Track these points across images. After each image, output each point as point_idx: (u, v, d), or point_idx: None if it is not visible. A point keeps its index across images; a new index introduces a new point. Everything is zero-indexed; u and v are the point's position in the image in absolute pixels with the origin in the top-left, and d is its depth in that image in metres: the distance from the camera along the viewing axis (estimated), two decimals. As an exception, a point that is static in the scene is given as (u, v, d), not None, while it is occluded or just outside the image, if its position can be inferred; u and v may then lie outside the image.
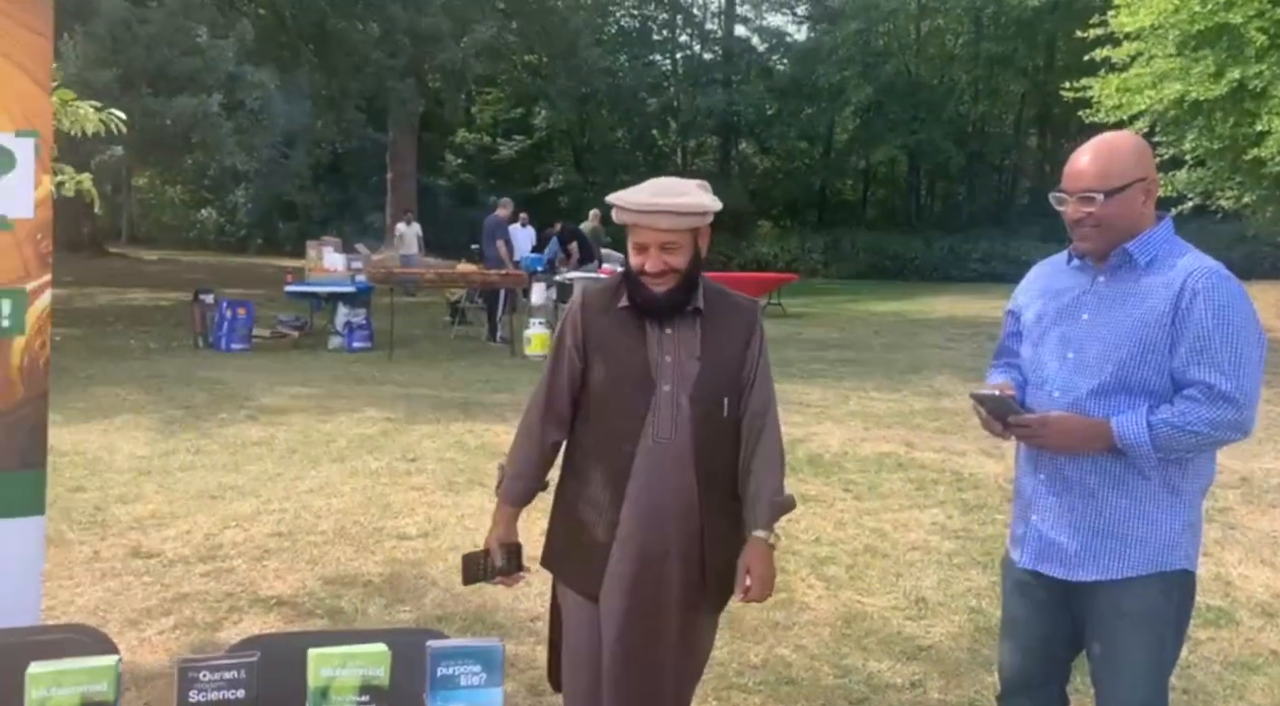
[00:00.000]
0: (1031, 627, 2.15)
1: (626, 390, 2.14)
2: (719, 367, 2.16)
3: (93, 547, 4.33)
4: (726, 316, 2.21)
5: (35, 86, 2.17)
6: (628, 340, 2.17)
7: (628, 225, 2.14)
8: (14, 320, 2.15)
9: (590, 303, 2.25)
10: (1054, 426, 2.00)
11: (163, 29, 11.61)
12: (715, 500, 2.16)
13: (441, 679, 1.27)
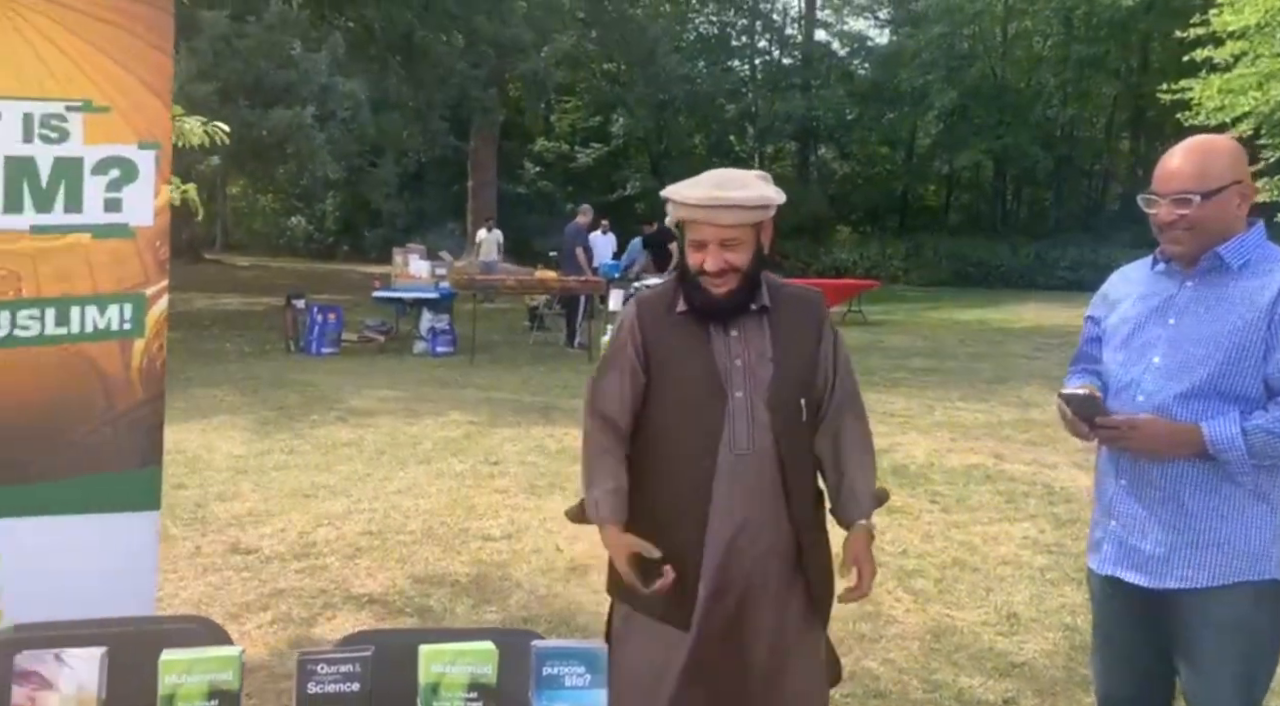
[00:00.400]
0: (1116, 638, 2.10)
1: (698, 401, 1.98)
2: (794, 368, 2.02)
3: (195, 543, 4.51)
4: (793, 311, 2.07)
5: (157, 100, 2.28)
6: (692, 347, 2.01)
7: (684, 222, 2.00)
8: (134, 323, 2.25)
9: (646, 310, 2.08)
10: (1142, 430, 1.95)
11: (260, 43, 12.06)
12: (805, 512, 2.03)
13: (547, 678, 1.29)
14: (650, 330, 2.05)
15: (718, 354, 2.00)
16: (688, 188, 1.99)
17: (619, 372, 2.07)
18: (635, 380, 2.05)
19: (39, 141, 2.17)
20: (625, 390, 2.06)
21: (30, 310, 2.15)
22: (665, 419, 2.02)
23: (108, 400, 2.22)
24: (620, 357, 2.08)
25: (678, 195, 1.98)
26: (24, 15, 2.14)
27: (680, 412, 2.00)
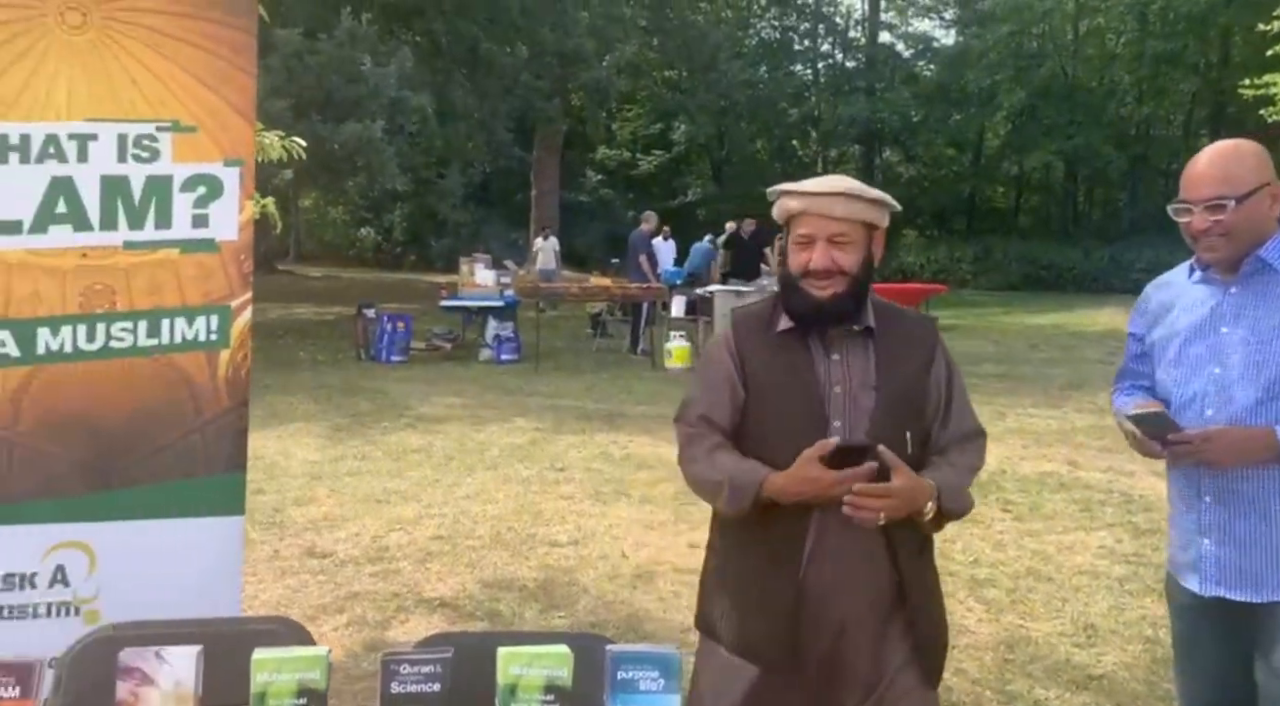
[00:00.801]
0: (1210, 656, 2.04)
1: (796, 429, 1.79)
2: (899, 397, 1.83)
3: (273, 547, 4.64)
4: (901, 336, 1.89)
5: (241, 119, 2.37)
6: (792, 369, 1.85)
7: (791, 218, 1.87)
8: (220, 334, 2.34)
9: (742, 326, 1.95)
10: (1218, 441, 1.90)
11: (331, 59, 12.40)
12: (910, 556, 1.84)
13: (621, 682, 1.31)
14: (747, 347, 1.90)
15: (818, 379, 1.83)
16: (806, 181, 1.89)
17: (714, 387, 1.91)
18: (734, 393, 1.89)
19: (132, 161, 2.27)
20: (724, 400, 1.89)
21: (124, 322, 2.25)
22: (760, 449, 1.85)
23: (196, 408, 2.31)
24: (715, 372, 1.93)
25: (788, 186, 1.88)
26: (120, 42, 2.25)
27: (776, 442, 1.82)
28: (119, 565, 2.22)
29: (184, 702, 1.29)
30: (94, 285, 2.24)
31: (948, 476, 1.83)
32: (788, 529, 1.81)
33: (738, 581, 1.90)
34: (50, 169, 2.21)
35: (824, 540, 1.81)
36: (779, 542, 1.83)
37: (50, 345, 2.20)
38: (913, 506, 1.76)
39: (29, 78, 2.19)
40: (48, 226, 2.20)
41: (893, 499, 1.73)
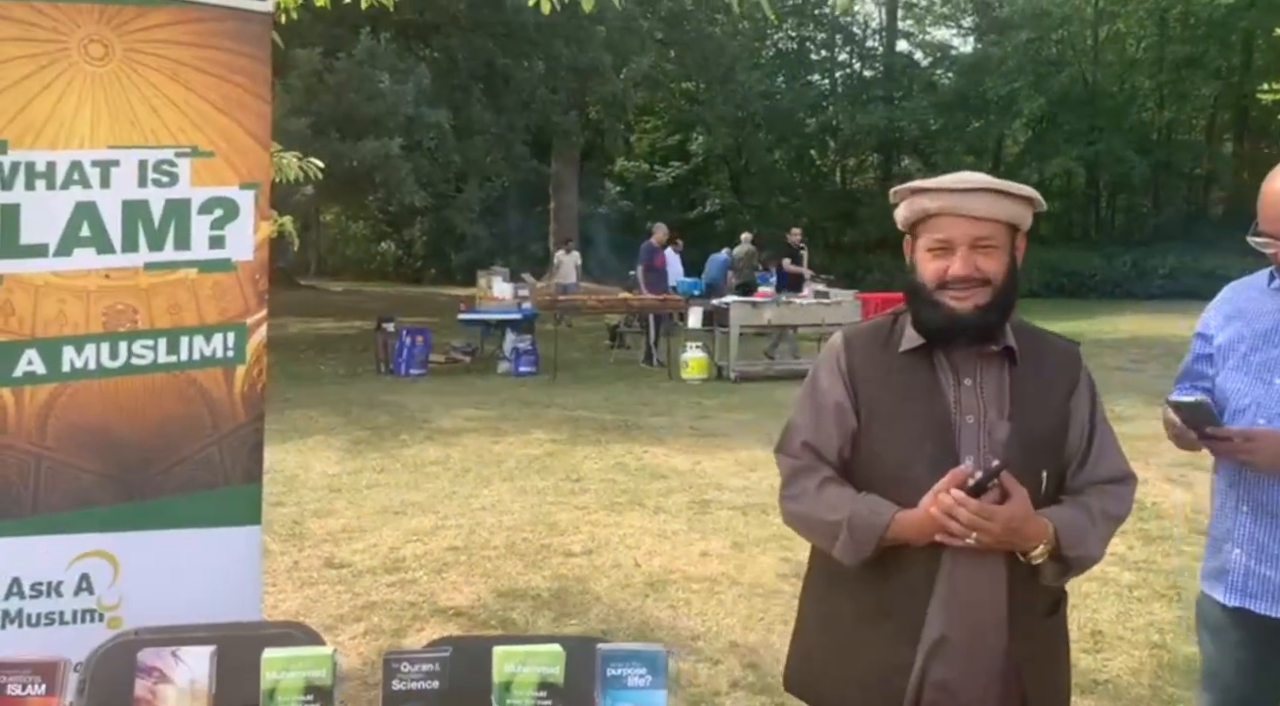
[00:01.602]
0: (1236, 673, 2.01)
1: (918, 464, 1.59)
2: (1036, 430, 1.62)
3: (292, 558, 4.74)
4: (1042, 360, 1.68)
5: (256, 144, 2.46)
6: (916, 394, 1.63)
7: (921, 221, 1.64)
8: (237, 351, 2.43)
9: (856, 343, 1.72)
10: (1260, 441, 1.87)
11: (349, 77, 12.62)
12: (1028, 610, 1.63)
13: (611, 679, 1.38)
14: (862, 369, 1.68)
15: (946, 406, 1.63)
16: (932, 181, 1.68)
17: (822, 412, 1.70)
18: (844, 420, 1.68)
19: (152, 185, 2.37)
20: (832, 428, 1.69)
21: (145, 340, 2.34)
22: (881, 483, 1.63)
23: (214, 422, 2.40)
24: (823, 395, 1.71)
25: (920, 183, 1.67)
26: (140, 72, 2.35)
27: (894, 479, 1.62)
28: (141, 573, 2.31)
29: (199, 699, 1.37)
30: (116, 305, 2.33)
31: (1072, 517, 1.61)
32: (910, 575, 1.61)
33: (834, 634, 1.71)
34: (75, 195, 2.31)
35: (950, 591, 1.60)
36: (899, 590, 1.62)
37: (75, 363, 2.29)
38: (1017, 540, 1.55)
39: (54, 107, 2.30)
40: (72, 249, 2.30)
41: (994, 524, 1.51)
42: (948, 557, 1.59)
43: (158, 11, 2.35)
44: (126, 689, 1.45)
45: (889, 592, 1.64)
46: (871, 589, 1.66)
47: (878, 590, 1.65)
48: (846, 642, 1.69)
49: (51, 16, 2.27)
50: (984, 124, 28.74)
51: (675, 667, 3.44)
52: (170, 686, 1.37)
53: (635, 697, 1.37)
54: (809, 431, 1.71)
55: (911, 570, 1.62)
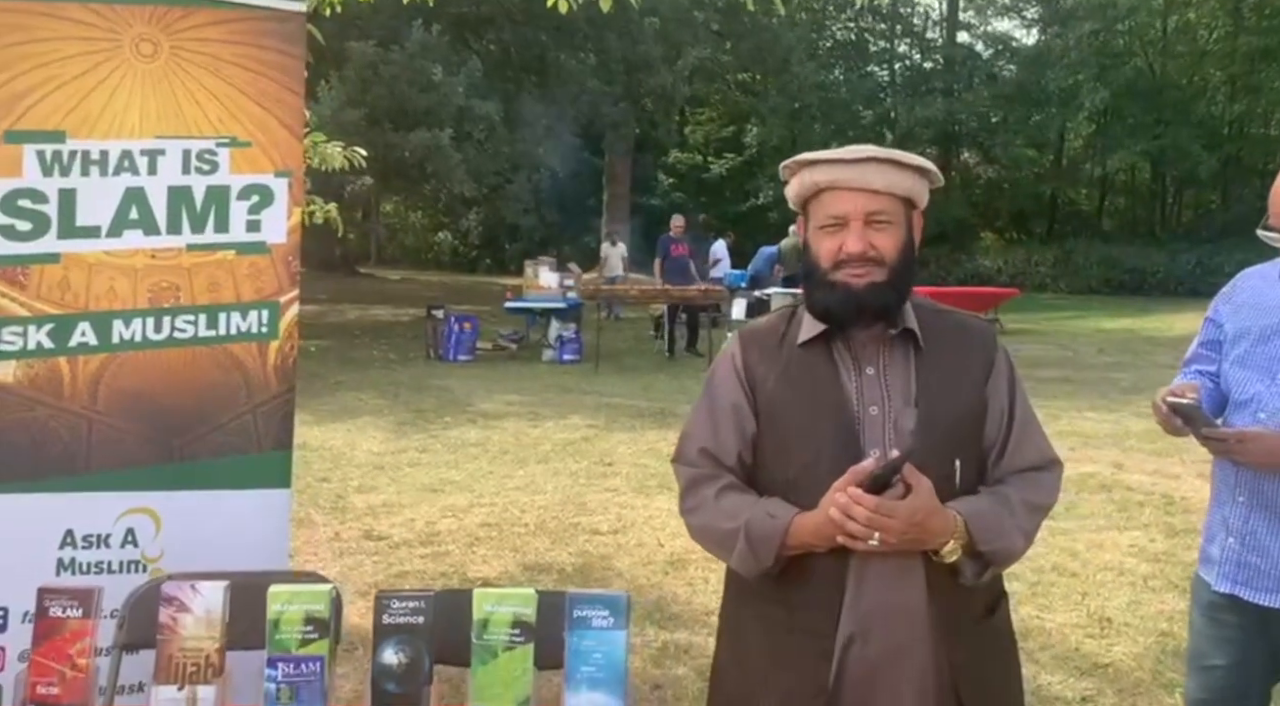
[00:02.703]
0: (1222, 654, 2.06)
1: (823, 461, 1.50)
2: (946, 416, 1.53)
3: (334, 529, 4.98)
4: (951, 342, 1.58)
5: (290, 134, 2.65)
6: (816, 387, 1.55)
7: (814, 197, 1.56)
8: (270, 327, 2.62)
9: (751, 341, 1.64)
10: (1253, 443, 1.90)
11: (403, 69, 12.91)
12: (955, 615, 1.53)
13: (577, 619, 1.52)
14: (757, 367, 1.59)
15: (847, 398, 1.54)
16: (821, 152, 1.58)
17: (719, 415, 1.61)
18: (742, 423, 1.59)
19: (194, 173, 2.56)
20: (730, 432, 1.59)
21: (187, 316, 2.55)
22: (785, 485, 1.55)
23: (248, 392, 2.59)
24: (719, 398, 1.62)
25: (808, 155, 1.56)
26: (185, 68, 2.54)
27: (803, 476, 1.52)
28: (181, 529, 2.51)
29: (213, 627, 1.54)
30: (161, 283, 2.54)
31: (985, 507, 1.50)
32: (821, 578, 1.51)
33: (755, 670, 1.59)
34: (125, 181, 2.51)
35: (858, 594, 1.50)
36: (813, 595, 1.52)
37: (124, 335, 2.50)
38: (925, 538, 1.45)
39: (108, 101, 2.50)
40: (122, 231, 2.51)
41: (895, 520, 1.41)
42: (855, 563, 1.49)
43: (201, 12, 2.54)
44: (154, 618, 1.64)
45: (797, 607, 1.53)
46: (779, 604, 1.55)
47: (785, 605, 1.54)
48: (756, 667, 1.58)
49: (107, 17, 2.47)
50: (1045, 117, 28.17)
51: (687, 640, 3.58)
52: (189, 614, 1.55)
53: (598, 636, 1.51)
54: (706, 437, 1.61)
55: (818, 580, 1.51)
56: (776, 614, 1.57)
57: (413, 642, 1.52)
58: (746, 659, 1.62)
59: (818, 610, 1.52)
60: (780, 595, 1.56)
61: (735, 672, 1.65)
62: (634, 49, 17.36)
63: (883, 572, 1.50)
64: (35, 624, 1.52)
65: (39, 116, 2.44)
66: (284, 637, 1.51)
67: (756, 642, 1.60)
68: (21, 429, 2.41)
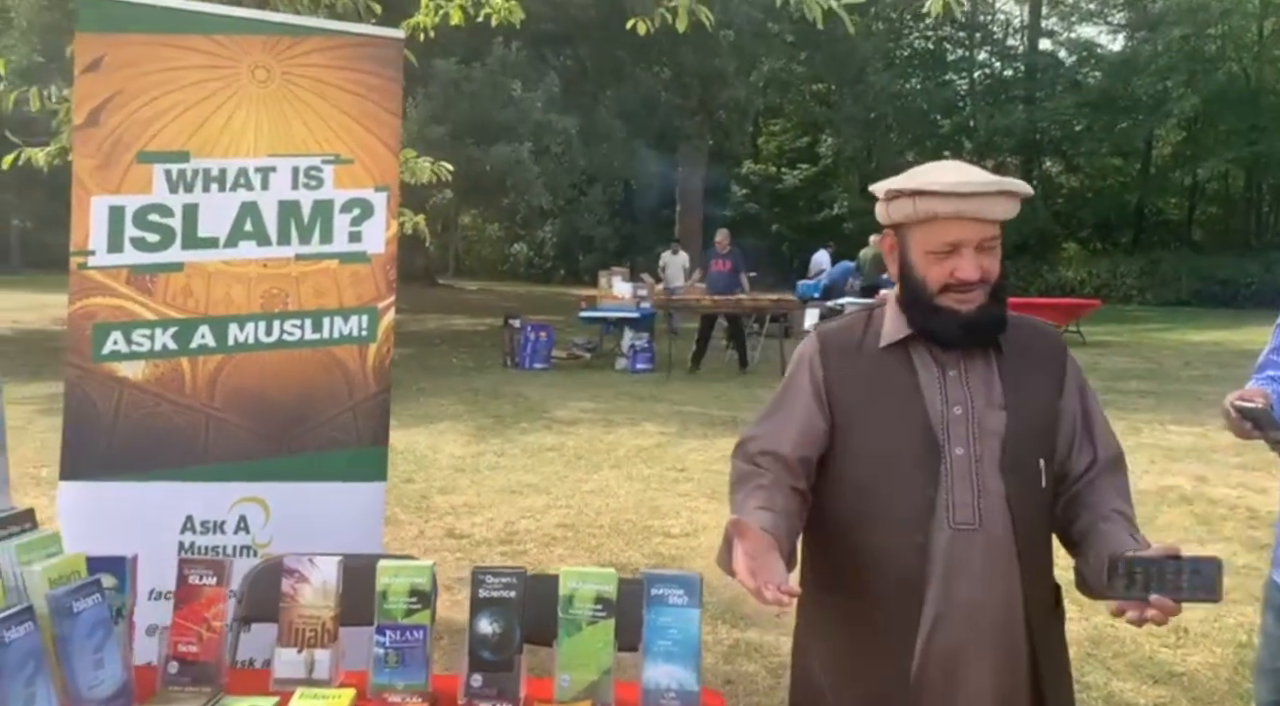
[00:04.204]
0: None
1: (905, 460, 1.54)
2: (1032, 418, 1.57)
3: (418, 528, 5.20)
4: (1027, 347, 1.62)
5: (388, 152, 2.85)
6: (897, 388, 1.58)
7: (921, 223, 1.55)
8: (370, 331, 2.82)
9: (831, 343, 1.66)
10: None
11: (484, 86, 13.30)
12: (1043, 611, 1.58)
13: (655, 597, 1.65)
14: (836, 369, 1.62)
15: (929, 399, 1.56)
16: (936, 171, 1.57)
17: (788, 414, 1.64)
18: (813, 423, 1.61)
19: (302, 188, 2.78)
20: (795, 431, 1.61)
21: (295, 320, 2.76)
22: (862, 483, 1.58)
23: (349, 391, 2.79)
24: (792, 397, 1.65)
25: (924, 182, 1.54)
26: (294, 92, 2.77)
27: (883, 475, 1.56)
28: (287, 517, 2.72)
29: (328, 596, 1.71)
30: (272, 290, 2.76)
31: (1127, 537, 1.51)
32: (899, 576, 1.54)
33: (827, 654, 1.65)
34: (240, 196, 2.74)
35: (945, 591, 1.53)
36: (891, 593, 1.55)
37: (238, 337, 2.73)
38: None
39: (226, 123, 2.74)
40: (238, 242, 2.73)
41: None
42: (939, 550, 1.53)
43: (310, 40, 2.76)
44: (272, 600, 1.82)
45: (877, 599, 1.57)
46: (858, 597, 1.60)
47: (864, 597, 1.59)
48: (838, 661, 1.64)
49: (227, 47, 2.71)
50: (1132, 124, 27.41)
51: (758, 640, 3.67)
52: (307, 585, 1.72)
53: (674, 613, 1.64)
54: (768, 438, 1.64)
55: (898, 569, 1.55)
56: (855, 607, 1.60)
57: (505, 615, 1.67)
58: (827, 651, 1.66)
59: (898, 600, 1.54)
60: (859, 586, 1.59)
61: (816, 665, 1.68)
62: (709, 62, 17.51)
63: (968, 560, 1.52)
64: (176, 590, 1.71)
65: (166, 138, 2.68)
66: (391, 607, 1.67)
67: (837, 634, 1.64)
68: (149, 423, 2.65)
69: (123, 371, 2.64)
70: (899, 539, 1.54)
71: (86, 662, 1.54)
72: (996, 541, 1.52)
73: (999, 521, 1.53)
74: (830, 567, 1.65)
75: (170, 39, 2.67)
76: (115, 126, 2.64)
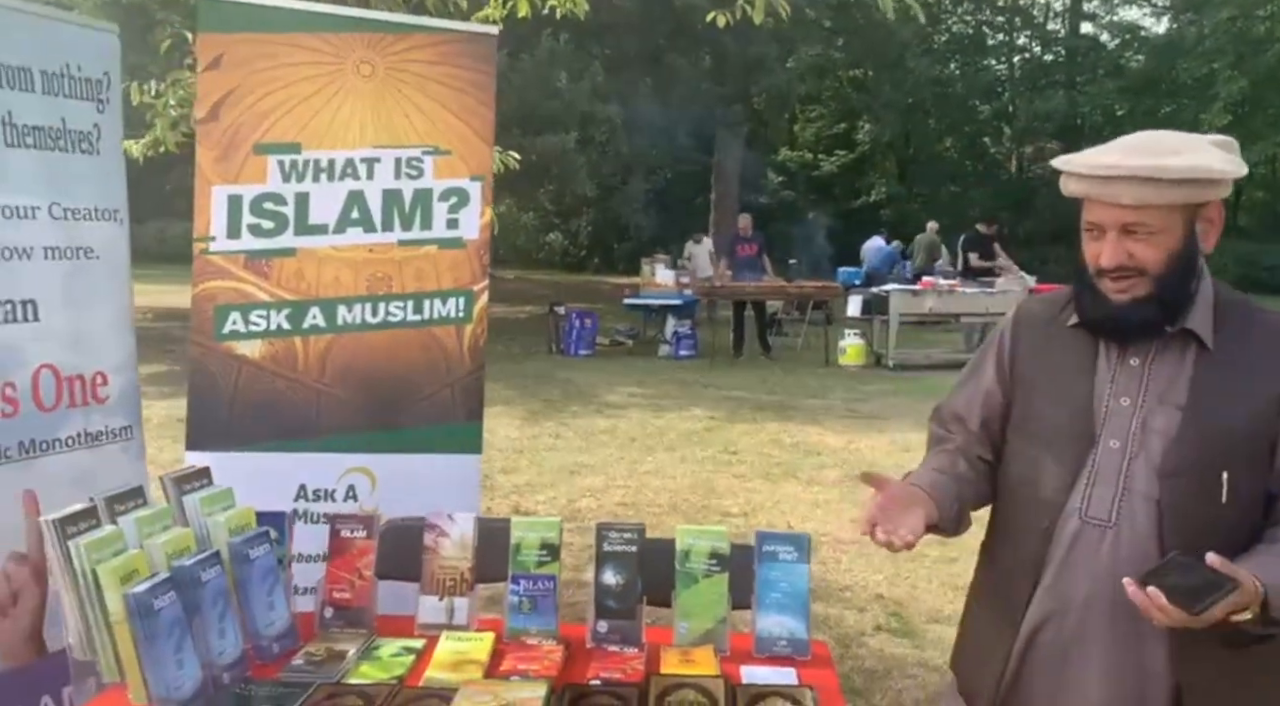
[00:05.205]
0: None
1: (1056, 442, 1.51)
2: (1217, 423, 1.41)
3: (485, 504, 5.39)
4: (1251, 346, 1.45)
5: (483, 143, 3.01)
6: (1067, 370, 1.54)
7: (1082, 200, 1.50)
8: (466, 312, 2.99)
9: (1026, 315, 1.66)
10: None
11: (530, 77, 13.46)
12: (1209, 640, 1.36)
13: (766, 554, 1.80)
14: (1025, 342, 1.62)
15: (1098, 385, 1.50)
16: (1091, 153, 1.48)
17: (975, 382, 1.69)
18: (990, 391, 1.64)
19: (404, 178, 2.95)
20: (977, 401, 1.66)
21: (398, 302, 2.94)
22: (1019, 459, 1.58)
23: (447, 369, 2.97)
24: (980, 365, 1.69)
25: (1071, 163, 1.48)
26: (396, 86, 2.93)
27: (1037, 454, 1.54)
28: (392, 488, 2.90)
29: (466, 548, 1.89)
30: (376, 273, 2.94)
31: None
32: (1020, 561, 1.54)
33: (969, 610, 1.72)
34: (348, 185, 2.92)
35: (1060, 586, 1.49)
36: (1011, 577, 1.56)
37: (346, 318, 2.91)
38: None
39: (334, 116, 2.91)
40: (345, 229, 2.91)
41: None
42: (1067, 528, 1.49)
43: (412, 37, 2.93)
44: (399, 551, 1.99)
45: (999, 573, 1.62)
46: (989, 568, 1.66)
47: (993, 569, 1.65)
48: (970, 615, 1.71)
49: (335, 44, 2.88)
50: (1176, 108, 26.97)
51: (822, 613, 3.82)
52: (447, 539, 1.89)
53: (784, 568, 1.79)
54: (957, 401, 1.71)
55: (1021, 548, 1.55)
56: (988, 578, 1.68)
57: (628, 567, 1.83)
58: (967, 615, 1.73)
59: (1014, 582, 1.55)
60: (994, 559, 1.65)
61: (960, 631, 1.75)
62: (749, 49, 17.54)
63: (1091, 557, 1.47)
64: (329, 542, 1.89)
65: (280, 130, 2.86)
66: (524, 559, 1.85)
67: (974, 601, 1.72)
68: (266, 398, 2.84)
69: (241, 349, 2.84)
70: (1031, 519, 1.53)
71: (262, 604, 1.72)
72: (1132, 545, 1.43)
73: (1141, 524, 1.43)
74: (989, 536, 1.68)
75: (282, 38, 2.85)
76: (234, 120, 2.83)
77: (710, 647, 1.75)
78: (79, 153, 2.60)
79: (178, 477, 1.82)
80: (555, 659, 1.67)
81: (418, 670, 1.66)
